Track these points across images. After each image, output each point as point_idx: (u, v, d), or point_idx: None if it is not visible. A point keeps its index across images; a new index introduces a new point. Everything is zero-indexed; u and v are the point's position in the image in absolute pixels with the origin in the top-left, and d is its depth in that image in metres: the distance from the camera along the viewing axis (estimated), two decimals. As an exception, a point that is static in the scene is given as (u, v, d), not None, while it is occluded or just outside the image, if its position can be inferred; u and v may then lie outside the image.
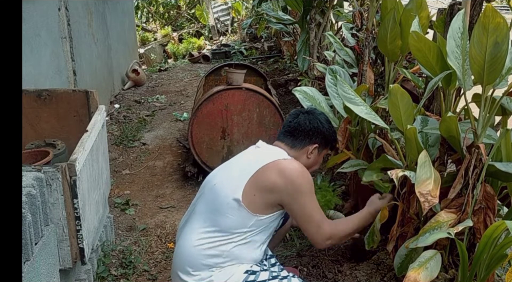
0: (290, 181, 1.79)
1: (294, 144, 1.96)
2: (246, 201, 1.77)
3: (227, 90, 3.45)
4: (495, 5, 1.99)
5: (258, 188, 1.79)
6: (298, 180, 1.80)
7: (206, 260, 1.79)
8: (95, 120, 2.39)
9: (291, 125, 1.98)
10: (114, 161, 3.98)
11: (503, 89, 1.81)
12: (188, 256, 1.82)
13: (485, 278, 1.73)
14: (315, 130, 1.97)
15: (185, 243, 1.85)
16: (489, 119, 1.79)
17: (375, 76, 2.83)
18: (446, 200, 1.85)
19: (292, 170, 1.83)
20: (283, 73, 6.46)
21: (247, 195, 1.78)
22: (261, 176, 1.81)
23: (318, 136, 1.98)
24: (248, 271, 1.82)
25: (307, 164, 1.96)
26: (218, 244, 1.79)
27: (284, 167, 1.83)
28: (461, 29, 1.82)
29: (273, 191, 1.79)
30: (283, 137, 1.99)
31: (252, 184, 1.80)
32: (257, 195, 1.78)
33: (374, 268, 2.26)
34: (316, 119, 2.00)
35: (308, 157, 1.97)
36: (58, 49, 3.69)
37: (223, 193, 1.82)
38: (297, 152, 1.96)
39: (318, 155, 2.01)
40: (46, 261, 1.75)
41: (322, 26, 4.53)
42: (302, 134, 1.96)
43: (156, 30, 10.52)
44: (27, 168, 1.82)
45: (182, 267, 1.83)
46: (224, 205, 1.80)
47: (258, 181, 1.80)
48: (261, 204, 1.79)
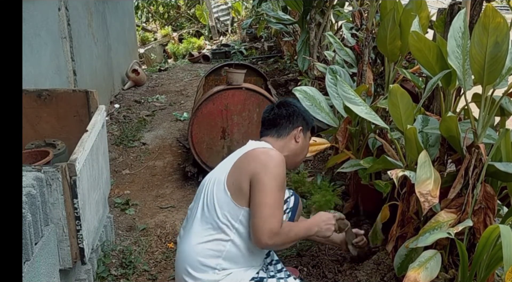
0: (260, 162, 1.76)
1: (279, 133, 1.96)
2: (230, 191, 1.79)
3: (227, 90, 3.45)
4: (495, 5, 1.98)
5: (234, 174, 1.80)
6: (269, 163, 1.75)
7: (206, 260, 1.79)
8: (95, 120, 2.39)
9: (270, 117, 2.00)
10: (114, 161, 3.98)
11: (503, 89, 1.81)
12: (189, 257, 1.82)
13: (485, 278, 1.73)
14: (294, 113, 1.99)
15: (185, 245, 1.86)
16: (489, 119, 1.79)
17: (374, 76, 2.83)
18: (446, 200, 1.85)
19: (266, 153, 1.81)
20: (283, 73, 6.46)
21: (229, 184, 1.79)
22: (239, 163, 1.83)
23: (299, 118, 1.99)
24: (254, 278, 1.81)
25: (297, 148, 1.98)
26: (216, 243, 1.79)
27: (259, 151, 1.83)
28: (462, 28, 1.82)
29: (242, 172, 1.78)
30: (266, 131, 2.00)
31: (231, 172, 1.81)
32: (234, 182, 1.78)
33: (374, 268, 2.26)
34: (291, 104, 2.03)
35: (297, 141, 1.97)
36: (58, 49, 3.69)
37: (214, 189, 1.84)
38: (284, 139, 1.96)
39: (305, 137, 2.01)
40: (46, 261, 1.75)
41: (322, 26, 4.53)
42: (283, 120, 1.97)
43: (156, 30, 10.52)
44: (27, 168, 1.82)
45: (184, 269, 1.83)
46: (216, 200, 1.81)
47: (236, 167, 1.81)
48: (238, 192, 1.77)
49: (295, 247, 2.58)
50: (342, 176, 3.21)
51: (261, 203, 1.70)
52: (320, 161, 3.67)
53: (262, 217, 1.68)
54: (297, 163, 2.08)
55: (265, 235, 1.67)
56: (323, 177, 3.18)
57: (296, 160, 2.03)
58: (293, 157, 1.98)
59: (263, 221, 1.68)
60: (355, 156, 2.62)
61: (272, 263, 2.01)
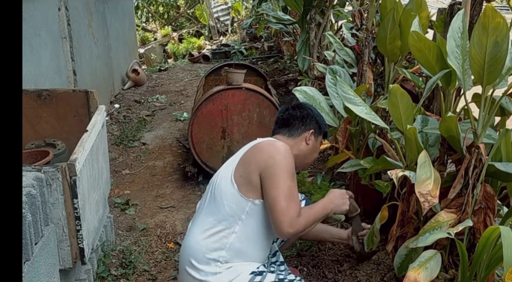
0: (267, 154, 1.79)
1: (291, 133, 2.00)
2: (237, 183, 1.81)
3: (227, 90, 3.45)
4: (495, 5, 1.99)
5: (242, 167, 1.83)
6: (277, 155, 1.78)
7: (209, 253, 1.81)
8: (95, 120, 2.39)
9: (284, 117, 2.04)
10: (114, 161, 3.98)
11: (503, 89, 1.81)
12: (192, 249, 1.84)
13: (485, 278, 1.73)
14: (308, 116, 2.02)
15: (190, 237, 1.89)
16: (489, 119, 1.79)
17: (374, 76, 2.84)
18: (446, 200, 1.85)
19: (272, 145, 1.84)
20: (283, 73, 6.46)
21: (236, 177, 1.82)
22: (246, 156, 1.85)
23: (312, 122, 2.02)
24: (254, 272, 1.82)
25: (307, 150, 2.00)
26: (220, 236, 1.81)
27: (265, 143, 1.86)
28: (461, 29, 1.82)
29: (250, 165, 1.80)
30: (278, 129, 2.03)
31: (239, 166, 1.84)
32: (243, 175, 1.81)
33: (374, 268, 2.26)
34: (305, 107, 2.07)
35: (307, 143, 2.00)
36: (58, 49, 3.69)
37: (221, 183, 1.87)
38: (294, 139, 1.99)
39: (316, 141, 2.04)
40: (46, 261, 1.75)
41: (322, 26, 4.53)
42: (297, 121, 2.01)
43: (156, 30, 10.52)
44: (27, 168, 1.82)
45: (187, 260, 1.85)
46: (222, 193, 1.83)
47: (243, 161, 1.84)
48: (247, 184, 1.79)
49: (295, 247, 2.58)
50: (342, 176, 3.21)
51: (276, 198, 1.73)
52: (320, 161, 3.67)
53: (279, 211, 1.72)
54: (305, 165, 2.10)
55: (285, 227, 1.72)
56: (323, 177, 3.18)
57: (305, 161, 2.05)
58: (302, 158, 2.00)
59: (281, 214, 1.72)
60: (355, 156, 2.62)
61: (277, 263, 2.03)
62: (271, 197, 1.75)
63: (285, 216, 1.71)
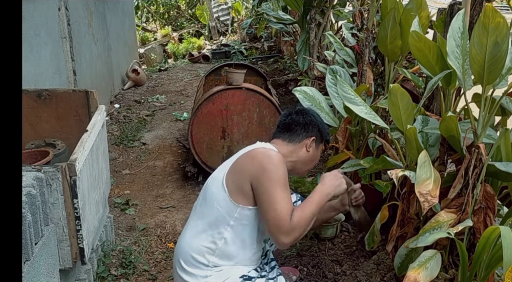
0: (259, 164, 1.76)
1: (291, 138, 1.96)
2: (228, 188, 1.80)
3: (227, 90, 3.45)
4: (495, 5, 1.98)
5: (234, 173, 1.81)
6: (268, 165, 1.75)
7: (198, 256, 1.80)
8: (95, 120, 2.39)
9: (286, 122, 1.99)
10: (114, 161, 3.98)
11: (503, 89, 1.81)
12: (183, 251, 1.85)
13: (485, 278, 1.73)
14: (311, 123, 1.98)
15: (182, 239, 1.89)
16: (489, 119, 1.80)
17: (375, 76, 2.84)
18: (446, 200, 1.85)
19: (265, 154, 1.80)
20: (283, 73, 6.46)
21: (228, 182, 1.80)
22: (238, 163, 1.83)
23: (314, 129, 1.98)
24: (244, 276, 1.82)
25: (307, 157, 1.96)
26: (209, 240, 1.81)
27: (258, 152, 1.82)
28: (461, 29, 1.82)
29: (242, 173, 1.78)
30: (279, 134, 2.00)
31: (231, 171, 1.82)
32: (234, 181, 1.79)
33: (374, 268, 2.26)
34: (309, 113, 2.03)
35: (308, 150, 1.96)
36: (58, 49, 3.69)
37: (212, 186, 1.86)
38: (295, 146, 1.95)
39: (316, 149, 2.00)
40: (46, 261, 1.75)
41: (322, 26, 4.53)
42: (299, 127, 1.97)
43: (156, 30, 10.52)
44: (27, 168, 1.82)
45: (178, 262, 1.86)
46: (213, 196, 1.83)
47: (235, 167, 1.82)
48: (238, 191, 1.78)
49: (295, 247, 2.58)
50: (342, 176, 3.21)
51: (269, 210, 1.71)
52: (320, 161, 3.67)
53: (273, 223, 1.71)
54: (304, 172, 2.06)
55: (282, 238, 1.70)
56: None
57: (303, 168, 2.01)
58: (301, 164, 1.98)
59: (274, 226, 1.70)
60: (355, 156, 2.62)
61: (267, 262, 2.02)
62: (263, 210, 1.73)
63: (280, 227, 1.69)
